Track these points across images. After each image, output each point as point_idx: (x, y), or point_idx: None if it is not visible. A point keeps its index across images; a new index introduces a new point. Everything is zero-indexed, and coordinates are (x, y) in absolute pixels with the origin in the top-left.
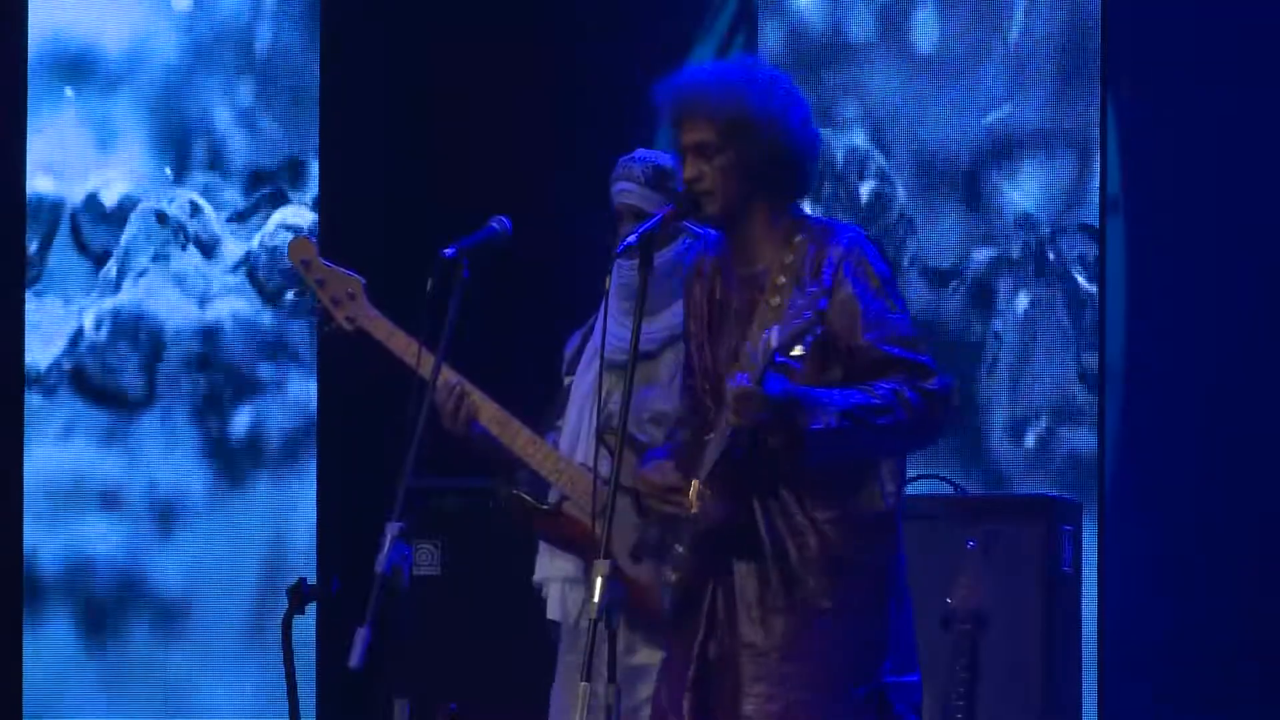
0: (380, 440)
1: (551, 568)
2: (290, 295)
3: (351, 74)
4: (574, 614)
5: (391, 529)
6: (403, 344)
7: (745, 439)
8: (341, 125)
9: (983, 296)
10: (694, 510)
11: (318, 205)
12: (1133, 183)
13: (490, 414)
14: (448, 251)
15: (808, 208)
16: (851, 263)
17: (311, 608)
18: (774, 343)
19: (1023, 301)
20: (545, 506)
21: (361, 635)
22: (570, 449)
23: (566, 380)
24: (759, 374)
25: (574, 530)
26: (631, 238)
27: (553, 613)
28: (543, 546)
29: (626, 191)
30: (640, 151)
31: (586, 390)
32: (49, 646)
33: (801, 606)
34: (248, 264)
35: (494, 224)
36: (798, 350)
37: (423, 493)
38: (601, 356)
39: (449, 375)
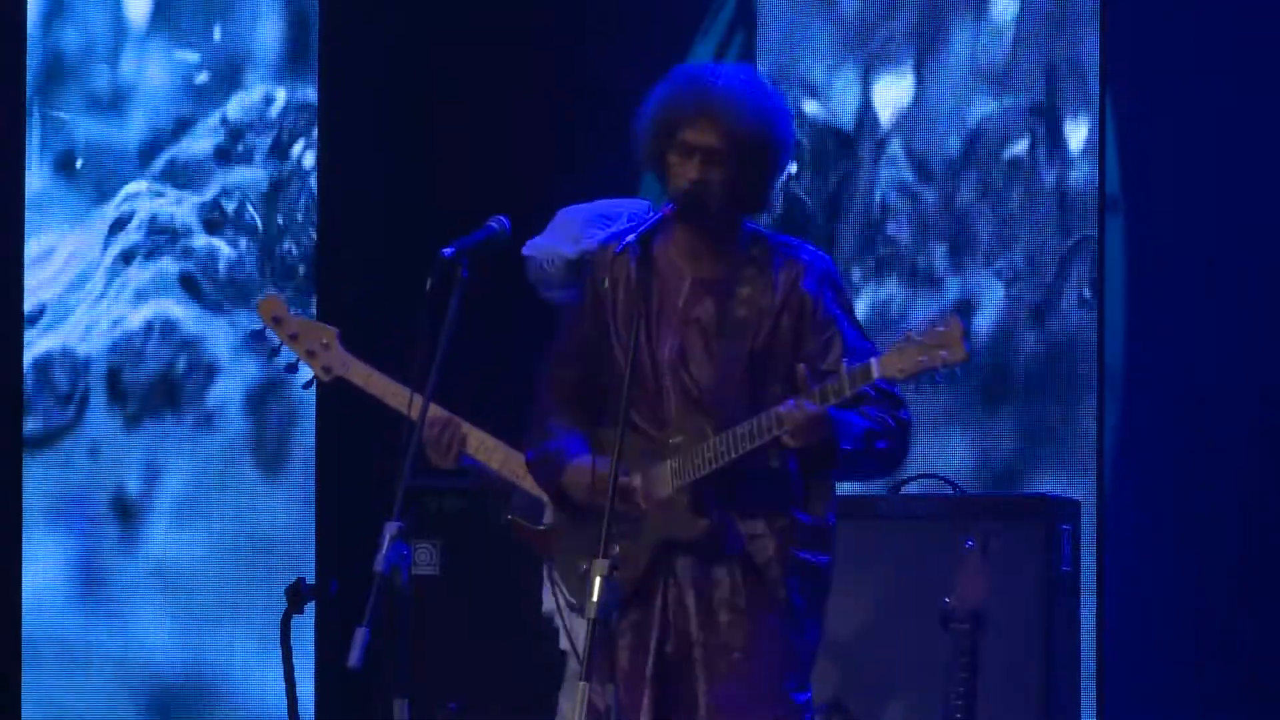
0: (379, 441)
1: (561, 598)
2: (267, 350)
3: (351, 74)
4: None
5: (390, 529)
6: (382, 386)
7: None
8: (341, 126)
9: (981, 295)
10: (645, 508)
11: (317, 206)
12: (1132, 183)
13: (477, 441)
14: (447, 251)
15: None
16: (829, 287)
17: (310, 607)
18: (876, 373)
19: (1023, 300)
20: (541, 526)
21: (360, 635)
22: None
23: None
24: (825, 400)
25: None
26: (631, 238)
27: (565, 644)
28: (548, 576)
29: (557, 297)
30: (531, 250)
31: None
32: (47, 644)
33: (758, 607)
34: (252, 260)
35: (493, 224)
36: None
37: (422, 492)
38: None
39: (434, 410)
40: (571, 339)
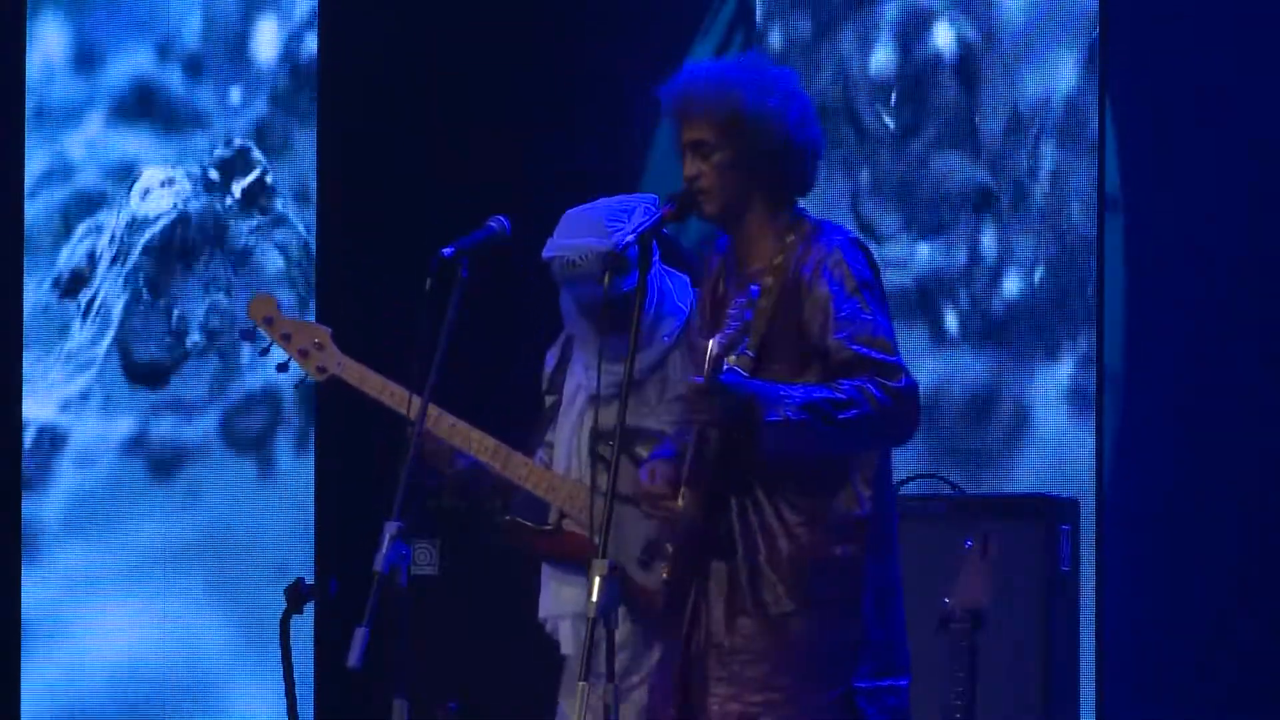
0: (379, 439)
1: (561, 603)
2: (258, 353)
3: (351, 76)
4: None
5: (390, 528)
6: (377, 385)
7: (711, 438)
8: (341, 127)
9: (981, 294)
10: (679, 512)
11: (317, 208)
12: (1133, 182)
13: (478, 443)
14: (447, 251)
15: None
16: (829, 264)
17: (309, 607)
18: (714, 350)
19: (1023, 300)
20: (545, 527)
21: (360, 635)
22: (565, 468)
23: (549, 400)
24: (709, 373)
25: (577, 545)
26: (630, 237)
27: (568, 648)
28: (547, 580)
29: (590, 292)
30: (557, 250)
31: (574, 418)
32: (48, 647)
33: (766, 609)
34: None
35: (492, 224)
36: (732, 358)
37: (421, 492)
38: (598, 395)
39: (434, 412)
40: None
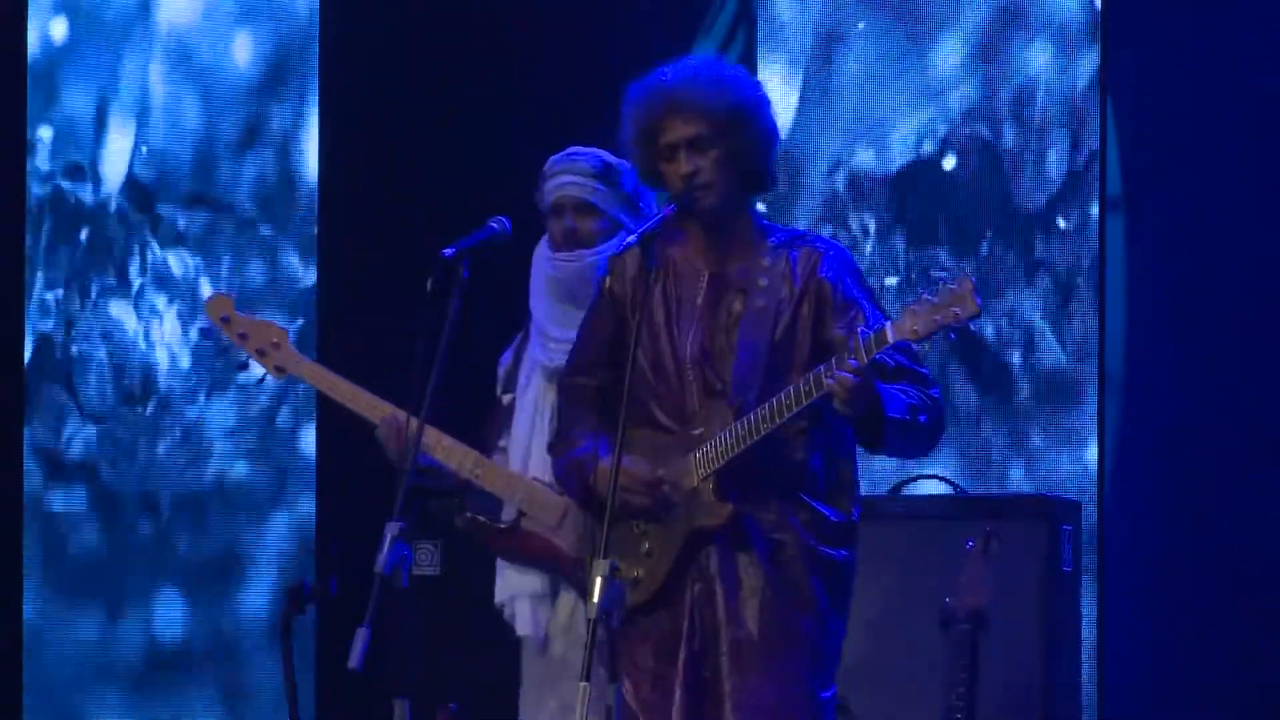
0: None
1: (518, 584)
2: (236, 368)
3: (351, 75)
4: (544, 629)
5: (391, 529)
6: (329, 382)
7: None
8: (340, 125)
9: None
10: (675, 500)
11: (318, 208)
12: (1133, 183)
13: (434, 441)
14: (447, 252)
15: None
16: (847, 273)
17: (311, 608)
18: (891, 337)
19: (1022, 299)
20: (502, 525)
21: (361, 635)
22: (521, 464)
23: (506, 398)
24: (865, 367)
25: (534, 545)
26: (632, 238)
27: (524, 629)
28: (501, 565)
29: (572, 184)
30: (576, 148)
31: (531, 405)
32: (51, 639)
33: (784, 603)
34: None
35: (493, 224)
36: (926, 346)
37: (422, 493)
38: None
39: (396, 411)
40: (592, 346)
